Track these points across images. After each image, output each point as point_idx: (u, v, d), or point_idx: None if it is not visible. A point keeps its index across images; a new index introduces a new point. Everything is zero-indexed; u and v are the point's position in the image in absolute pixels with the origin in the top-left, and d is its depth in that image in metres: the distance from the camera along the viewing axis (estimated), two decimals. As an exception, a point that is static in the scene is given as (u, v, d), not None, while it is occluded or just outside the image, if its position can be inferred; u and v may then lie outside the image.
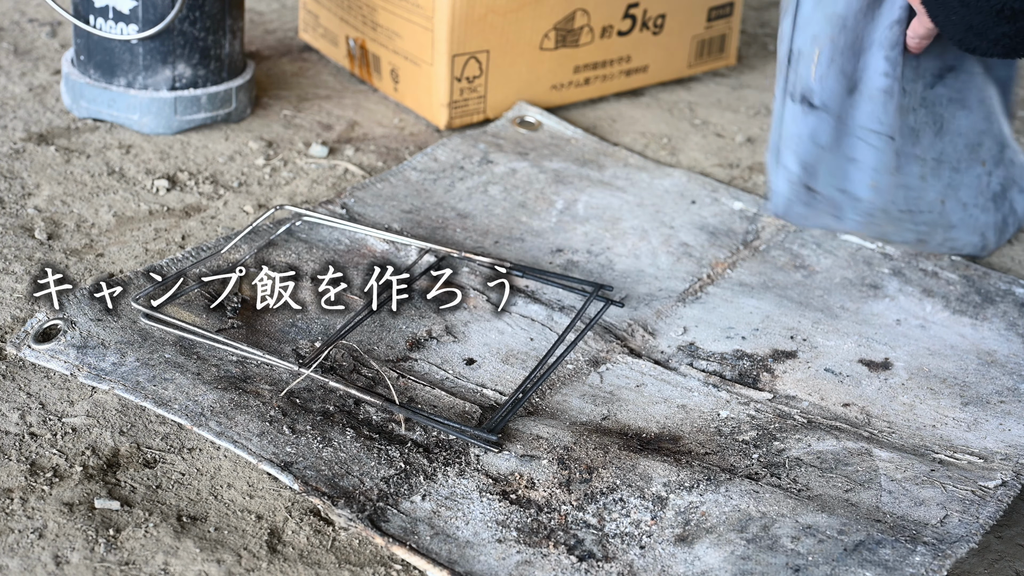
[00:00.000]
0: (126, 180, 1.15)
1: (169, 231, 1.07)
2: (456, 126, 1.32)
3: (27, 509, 0.74)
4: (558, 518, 0.77)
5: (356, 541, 0.75)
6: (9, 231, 1.04)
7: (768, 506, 0.77)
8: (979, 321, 1.03)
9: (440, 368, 0.92)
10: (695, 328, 1.00)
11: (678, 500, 0.78)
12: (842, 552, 0.73)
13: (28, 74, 1.35)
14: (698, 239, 1.13)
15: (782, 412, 0.90)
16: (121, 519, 0.74)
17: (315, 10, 1.46)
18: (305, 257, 1.03)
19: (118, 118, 1.23)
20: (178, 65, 1.22)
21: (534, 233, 1.12)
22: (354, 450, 0.81)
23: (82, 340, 0.89)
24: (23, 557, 0.71)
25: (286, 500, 0.78)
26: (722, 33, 1.49)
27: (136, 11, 1.18)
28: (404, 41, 1.31)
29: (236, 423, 0.82)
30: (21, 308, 0.94)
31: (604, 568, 0.73)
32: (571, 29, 1.35)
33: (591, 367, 0.94)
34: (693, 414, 0.89)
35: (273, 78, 1.41)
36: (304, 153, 1.24)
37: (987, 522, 0.77)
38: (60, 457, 0.79)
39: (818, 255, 1.12)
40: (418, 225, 1.11)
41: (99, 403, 0.84)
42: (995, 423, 0.89)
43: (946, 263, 1.12)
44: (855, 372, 0.95)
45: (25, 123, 1.23)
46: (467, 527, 0.76)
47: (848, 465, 0.83)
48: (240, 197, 1.14)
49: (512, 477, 0.80)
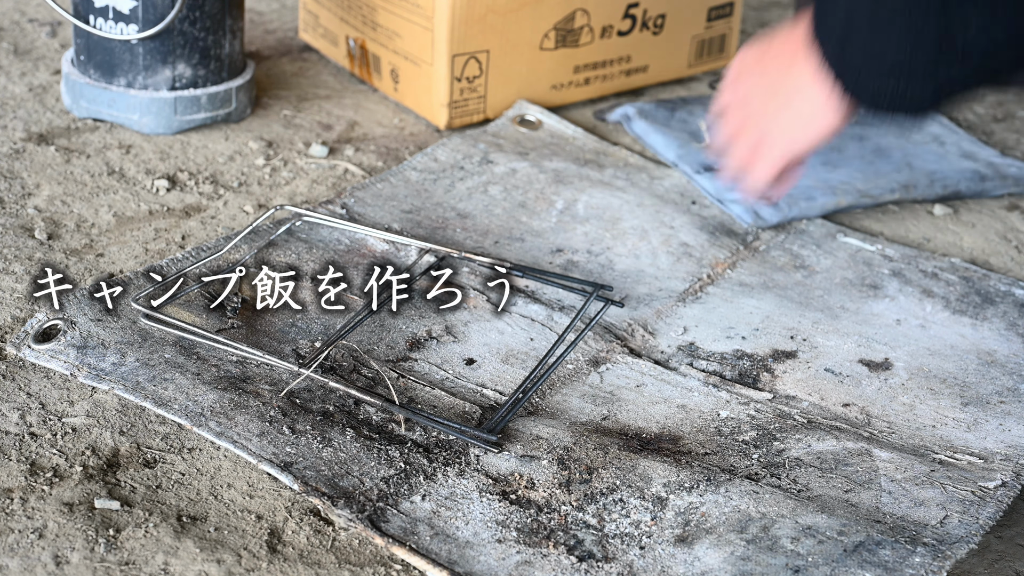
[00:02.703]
0: (126, 180, 1.15)
1: (169, 231, 1.07)
2: (456, 126, 1.32)
3: (27, 509, 0.74)
4: (558, 518, 0.77)
5: (356, 541, 0.75)
6: (9, 231, 1.04)
7: (768, 507, 0.77)
8: (979, 321, 1.03)
9: (440, 368, 0.92)
10: (695, 328, 1.00)
11: (678, 500, 0.78)
12: (842, 553, 0.73)
13: (28, 74, 1.35)
14: (698, 239, 1.13)
15: (782, 412, 0.90)
16: (121, 519, 0.74)
17: (315, 10, 1.46)
18: (305, 257, 1.03)
19: (118, 118, 1.23)
20: (178, 65, 1.22)
21: (534, 233, 1.12)
22: (354, 450, 0.81)
23: (82, 340, 0.89)
24: (23, 557, 0.71)
25: (286, 500, 0.78)
26: (722, 33, 1.49)
27: (136, 11, 1.18)
28: (404, 41, 1.31)
29: (236, 423, 0.82)
30: (21, 308, 0.94)
31: (604, 568, 0.73)
32: (571, 29, 1.35)
33: (591, 367, 0.94)
34: (693, 414, 0.89)
35: (273, 78, 1.41)
36: (304, 153, 1.24)
37: (987, 523, 0.77)
38: (60, 457, 0.79)
39: (818, 255, 1.12)
40: (418, 225, 1.11)
41: (99, 403, 0.84)
42: (995, 423, 0.89)
43: (946, 264, 1.12)
44: (855, 372, 0.95)
45: (25, 123, 1.23)
46: (467, 527, 0.76)
47: (848, 465, 0.83)
48: (240, 197, 1.14)
49: (512, 477, 0.80)
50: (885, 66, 0.68)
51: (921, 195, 1.24)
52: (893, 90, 0.69)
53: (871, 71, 0.70)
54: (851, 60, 0.70)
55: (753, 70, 0.82)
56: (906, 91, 0.68)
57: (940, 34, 0.66)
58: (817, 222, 1.18)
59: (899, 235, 1.19)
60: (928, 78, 0.68)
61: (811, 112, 0.76)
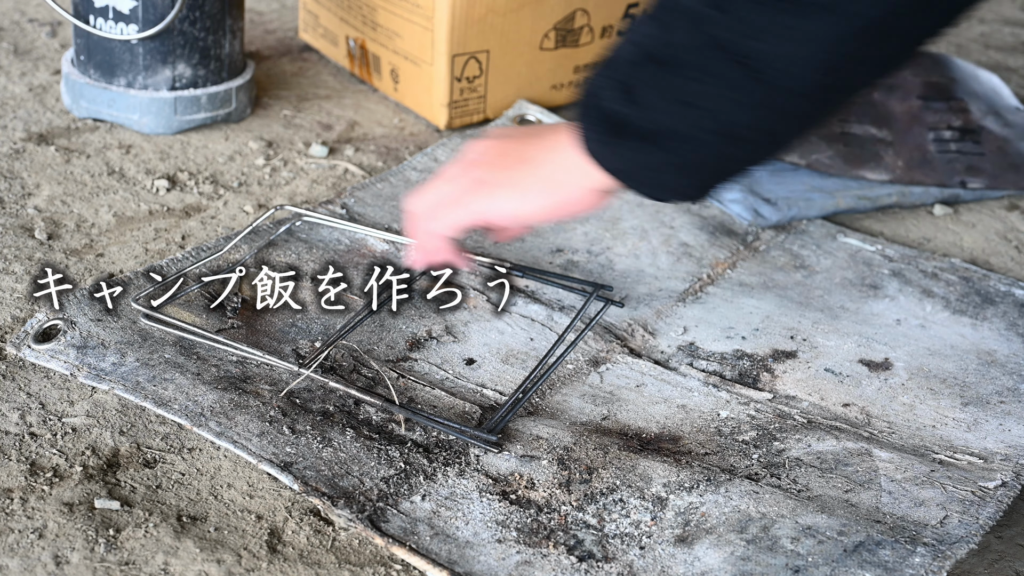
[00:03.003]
0: (126, 180, 1.15)
1: (169, 231, 1.07)
2: (456, 126, 1.32)
3: (27, 509, 0.74)
4: (558, 518, 0.77)
5: (356, 541, 0.75)
6: (9, 231, 1.04)
7: (768, 507, 0.77)
8: (979, 321, 1.03)
9: (440, 368, 0.92)
10: (695, 328, 1.00)
11: (678, 501, 0.78)
12: (842, 553, 0.73)
13: (28, 74, 1.35)
14: (698, 239, 1.13)
15: (782, 412, 0.89)
16: (121, 519, 0.74)
17: (315, 10, 1.46)
18: (305, 257, 1.03)
19: (118, 118, 1.23)
20: (178, 65, 1.22)
21: (534, 233, 1.12)
22: (354, 450, 0.81)
23: (82, 340, 0.89)
24: (23, 557, 0.71)
25: (286, 500, 0.78)
26: (722, 33, 1.49)
27: (136, 11, 1.18)
28: (404, 41, 1.31)
29: (236, 423, 0.82)
30: (21, 308, 0.94)
31: (604, 568, 0.73)
32: (571, 29, 1.35)
33: (591, 367, 0.94)
34: (693, 414, 0.89)
35: (273, 78, 1.41)
36: (304, 153, 1.24)
37: (987, 523, 0.77)
38: (60, 457, 0.79)
39: (818, 255, 1.13)
40: (418, 225, 1.11)
41: (99, 403, 0.84)
42: (995, 423, 0.89)
43: (946, 264, 1.12)
44: (855, 372, 0.95)
45: (25, 123, 1.23)
46: (467, 527, 0.76)
47: (848, 465, 0.83)
48: (240, 197, 1.14)
49: (512, 477, 0.80)
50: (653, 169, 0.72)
51: (919, 199, 1.24)
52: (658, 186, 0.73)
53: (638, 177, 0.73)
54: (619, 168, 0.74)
55: (505, 143, 0.82)
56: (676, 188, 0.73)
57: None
58: (817, 222, 1.19)
59: (899, 235, 1.19)
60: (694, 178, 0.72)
61: (563, 178, 0.76)
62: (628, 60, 0.70)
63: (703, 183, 0.72)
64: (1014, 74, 1.67)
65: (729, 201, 1.18)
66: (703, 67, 0.66)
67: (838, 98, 0.68)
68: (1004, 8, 1.99)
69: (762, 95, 0.65)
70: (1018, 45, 1.80)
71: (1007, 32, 1.86)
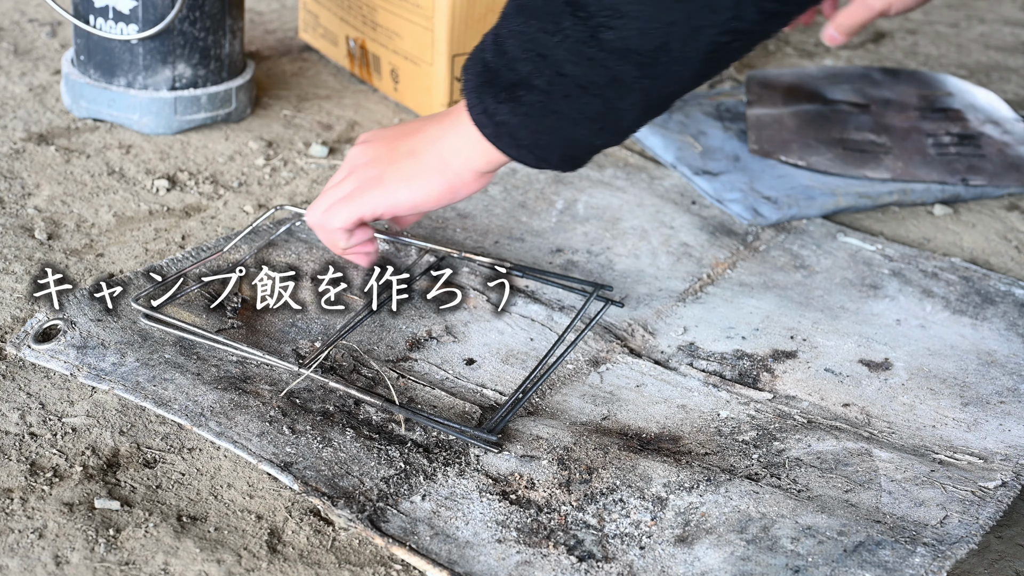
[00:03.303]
0: (126, 180, 1.15)
1: (169, 231, 1.07)
2: (456, 126, 1.32)
3: (27, 509, 0.74)
4: (558, 518, 0.77)
5: (356, 541, 0.75)
6: (9, 231, 1.04)
7: (768, 507, 0.77)
8: (979, 321, 1.03)
9: (440, 368, 0.92)
10: (695, 328, 1.00)
11: (678, 501, 0.78)
12: (842, 553, 0.73)
13: (28, 74, 1.35)
14: (698, 239, 1.13)
15: (782, 412, 0.90)
16: (121, 519, 0.74)
17: (315, 10, 1.46)
18: (305, 257, 1.03)
19: (118, 118, 1.23)
20: (178, 65, 1.22)
21: (534, 233, 1.12)
22: (354, 450, 0.81)
23: (82, 340, 0.89)
24: (23, 557, 0.71)
25: (286, 500, 0.78)
26: (722, 33, 1.49)
27: (136, 11, 1.18)
28: (404, 41, 1.31)
29: (236, 423, 0.82)
30: (21, 308, 0.94)
31: (604, 568, 0.73)
32: (571, 29, 1.35)
33: (591, 367, 0.94)
34: (693, 414, 0.89)
35: (273, 78, 1.41)
36: (304, 153, 1.24)
37: (987, 523, 0.77)
38: (60, 457, 0.79)
39: (818, 255, 1.13)
40: (418, 225, 1.11)
41: (99, 403, 0.84)
42: (995, 423, 0.89)
43: (946, 264, 1.12)
44: (855, 372, 0.95)
45: (25, 123, 1.23)
46: (467, 527, 0.76)
47: (848, 465, 0.83)
48: (240, 197, 1.14)
49: (512, 477, 0.80)
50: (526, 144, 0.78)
51: (920, 198, 1.24)
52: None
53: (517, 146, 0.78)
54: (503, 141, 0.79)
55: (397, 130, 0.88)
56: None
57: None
58: (817, 222, 1.19)
59: (899, 235, 1.19)
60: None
61: (446, 166, 0.82)
62: (505, 12, 0.75)
63: (566, 142, 0.76)
64: (1014, 74, 1.67)
65: (729, 200, 1.18)
66: (552, 17, 0.71)
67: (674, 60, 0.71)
68: (1004, 8, 1.99)
69: (595, 50, 0.70)
70: (1018, 45, 1.80)
71: (1007, 32, 1.86)
